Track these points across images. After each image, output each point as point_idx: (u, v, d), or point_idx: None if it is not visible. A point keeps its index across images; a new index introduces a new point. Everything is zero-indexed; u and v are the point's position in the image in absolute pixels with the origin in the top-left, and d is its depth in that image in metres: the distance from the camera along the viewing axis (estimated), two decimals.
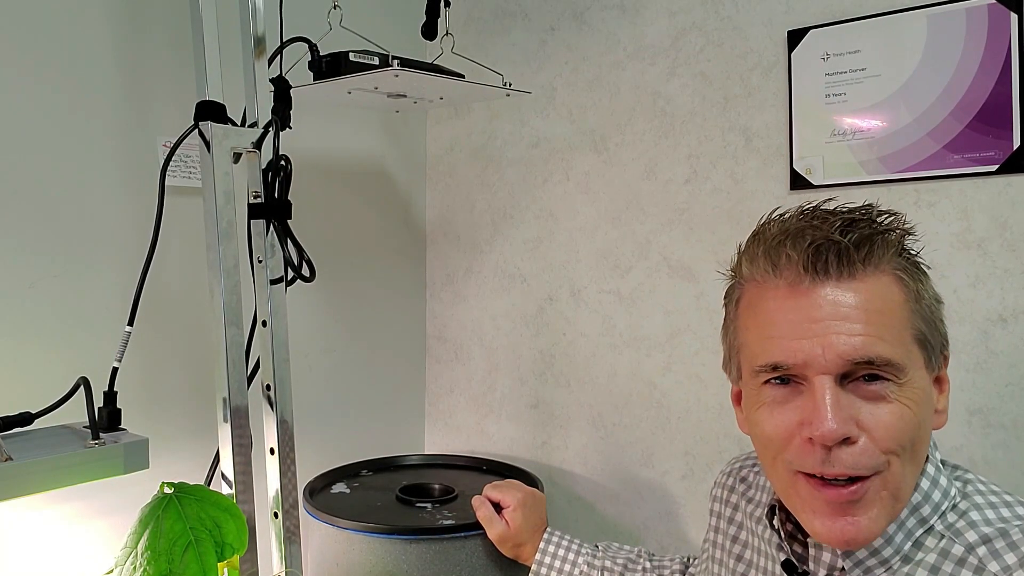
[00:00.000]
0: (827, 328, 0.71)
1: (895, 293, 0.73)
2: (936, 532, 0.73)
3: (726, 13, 1.38)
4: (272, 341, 1.14)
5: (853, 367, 0.70)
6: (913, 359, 0.72)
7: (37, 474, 0.89)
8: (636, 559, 1.14)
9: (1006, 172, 1.14)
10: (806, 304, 0.72)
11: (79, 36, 1.19)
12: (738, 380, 0.83)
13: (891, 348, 0.70)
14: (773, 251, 0.75)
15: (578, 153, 1.57)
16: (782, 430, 0.73)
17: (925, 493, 0.74)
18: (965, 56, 1.16)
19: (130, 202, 1.24)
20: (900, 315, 0.72)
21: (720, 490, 0.99)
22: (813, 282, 0.72)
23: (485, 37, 1.69)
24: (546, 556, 1.15)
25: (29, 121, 1.14)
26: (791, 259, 0.73)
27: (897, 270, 0.73)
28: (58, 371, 1.10)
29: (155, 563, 0.90)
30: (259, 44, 1.15)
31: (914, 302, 0.73)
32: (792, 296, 0.73)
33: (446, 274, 1.78)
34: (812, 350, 0.71)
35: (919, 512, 0.74)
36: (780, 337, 0.73)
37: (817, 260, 0.72)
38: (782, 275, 0.74)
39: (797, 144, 1.30)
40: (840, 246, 0.71)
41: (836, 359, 0.70)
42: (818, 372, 0.71)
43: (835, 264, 0.71)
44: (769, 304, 0.75)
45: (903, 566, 0.73)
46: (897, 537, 0.73)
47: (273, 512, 1.15)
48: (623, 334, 1.52)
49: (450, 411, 1.78)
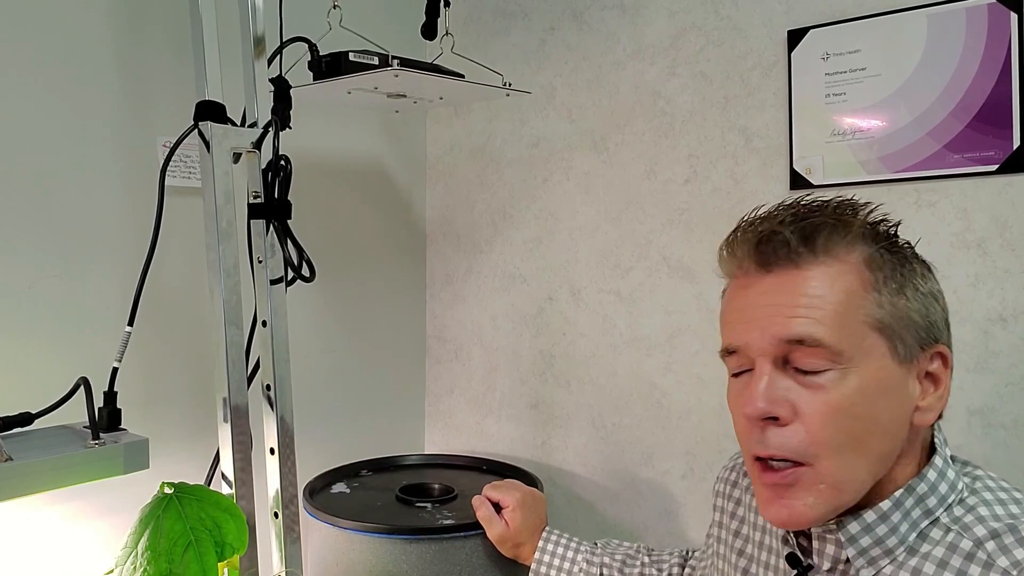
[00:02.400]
0: (767, 312, 0.74)
1: (847, 281, 0.73)
2: (942, 525, 0.73)
3: (726, 13, 1.38)
4: (272, 341, 1.14)
5: (787, 347, 0.73)
6: (864, 346, 0.72)
7: (37, 474, 0.89)
8: (635, 555, 1.15)
9: (1006, 172, 1.14)
10: (753, 292, 0.77)
11: (79, 36, 1.19)
12: None
13: (827, 331, 0.72)
14: (731, 246, 0.80)
15: (578, 153, 1.57)
16: (740, 416, 0.77)
17: (932, 484, 0.74)
18: (965, 56, 1.16)
19: (130, 202, 1.24)
20: (850, 302, 0.73)
21: (723, 485, 0.99)
22: (759, 272, 0.76)
23: (485, 37, 1.69)
24: (545, 555, 1.15)
25: (29, 121, 1.14)
26: (744, 251, 0.78)
27: (858, 259, 0.74)
28: (58, 371, 1.10)
29: (155, 563, 0.90)
30: (259, 44, 1.15)
31: (873, 291, 0.73)
32: (744, 286, 0.78)
33: (446, 274, 1.78)
34: (752, 332, 0.75)
35: (925, 503, 0.74)
36: (731, 323, 0.79)
37: (763, 251, 0.76)
38: (738, 267, 0.79)
39: (797, 144, 1.30)
40: (781, 236, 0.75)
41: (771, 339, 0.73)
42: (758, 354, 0.74)
43: (777, 255, 0.75)
44: (730, 294, 0.81)
45: (909, 558, 0.72)
46: (902, 527, 0.73)
47: (273, 512, 1.15)
48: (623, 334, 1.52)
49: (450, 411, 1.78)
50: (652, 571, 1.12)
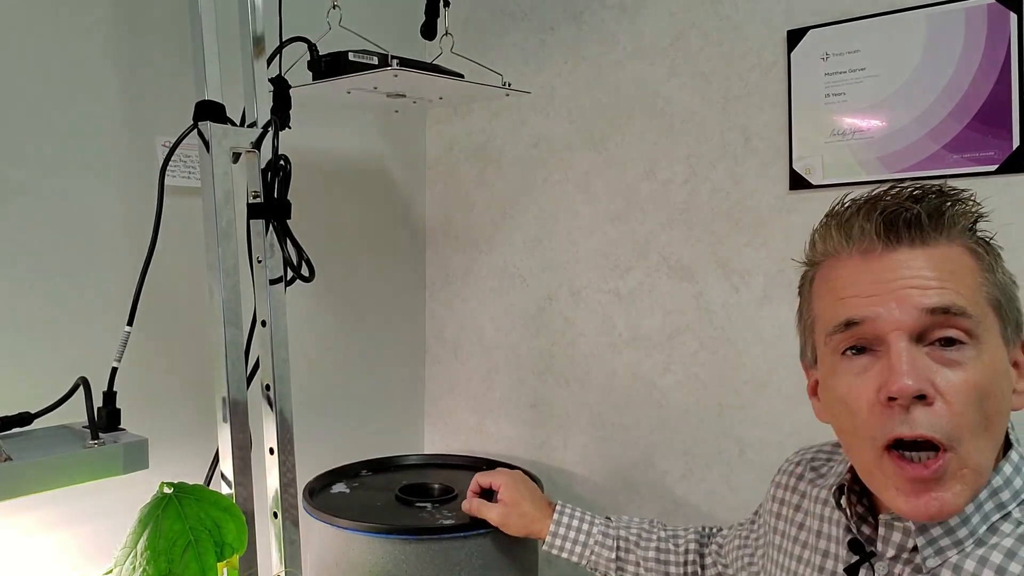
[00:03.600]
0: (901, 285, 0.72)
1: (967, 260, 0.74)
2: (1013, 519, 0.73)
3: (726, 13, 1.38)
4: (271, 341, 1.14)
5: (928, 319, 0.71)
6: (988, 323, 0.73)
7: (37, 474, 0.89)
8: (650, 529, 1.16)
9: (1005, 172, 1.14)
10: (879, 267, 0.74)
11: (79, 36, 1.18)
12: (813, 364, 0.84)
13: (967, 301, 0.71)
14: (846, 223, 0.77)
15: (578, 153, 1.57)
16: (863, 400, 0.73)
17: (1007, 478, 0.74)
18: (964, 56, 1.16)
19: (130, 202, 1.23)
20: (973, 278, 0.73)
21: (787, 477, 0.97)
22: (886, 248, 0.74)
23: (484, 37, 1.69)
24: (560, 527, 1.16)
25: (29, 121, 1.14)
26: (864, 229, 0.75)
27: (968, 242, 0.75)
28: (57, 371, 1.10)
29: (155, 563, 0.90)
30: (258, 44, 1.15)
31: (988, 271, 0.75)
32: (865, 262, 0.75)
33: (445, 274, 1.78)
34: (886, 304, 0.72)
35: (998, 496, 0.73)
36: (853, 296, 0.75)
37: (889, 227, 0.74)
38: (855, 245, 0.76)
39: (796, 144, 1.30)
40: (911, 212, 0.74)
41: (911, 310, 0.71)
42: (892, 328, 0.72)
43: (907, 231, 0.74)
44: (842, 272, 0.77)
45: (976, 549, 0.72)
46: (974, 519, 0.73)
47: (273, 512, 1.15)
48: (622, 334, 1.52)
49: (449, 411, 1.78)
50: (669, 545, 1.13)
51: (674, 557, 1.12)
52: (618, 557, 1.14)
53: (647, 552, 1.13)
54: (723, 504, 1.40)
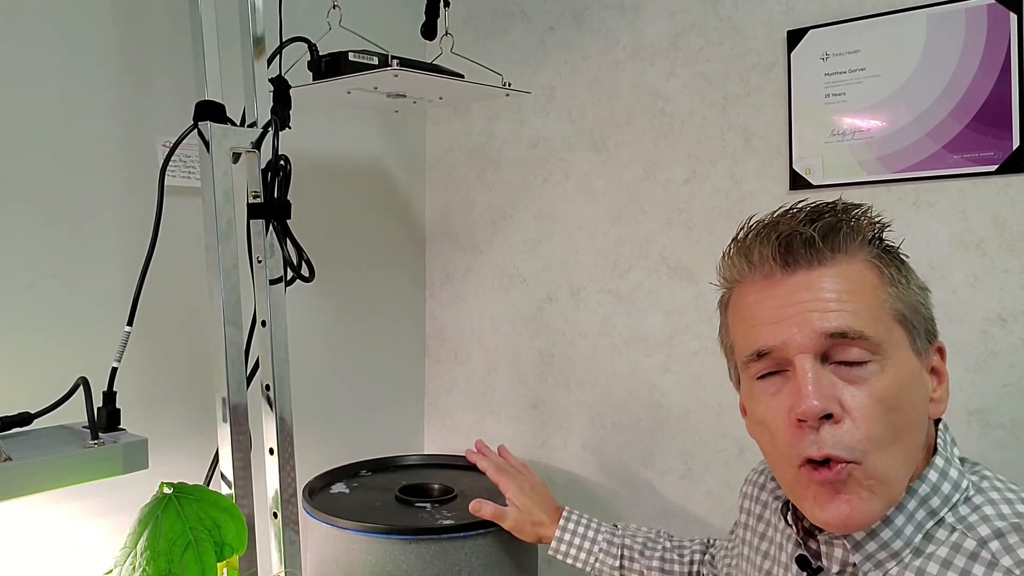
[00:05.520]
0: (802, 309, 0.74)
1: (868, 276, 0.75)
2: (947, 525, 0.73)
3: (725, 13, 1.38)
4: (271, 341, 1.14)
5: (829, 341, 0.72)
6: (894, 339, 0.73)
7: (37, 474, 0.89)
8: (656, 539, 1.16)
9: (1005, 172, 1.14)
10: (780, 292, 0.76)
11: (79, 36, 1.18)
12: (738, 385, 0.85)
13: (864, 323, 0.72)
14: (746, 249, 0.79)
15: (577, 153, 1.57)
16: (779, 421, 0.75)
17: (934, 485, 0.74)
18: (964, 56, 1.16)
19: (130, 202, 1.24)
20: (875, 295, 0.74)
21: (751, 487, 0.98)
22: (784, 272, 0.76)
23: (484, 37, 1.69)
24: (566, 533, 1.17)
25: (29, 121, 1.14)
26: (763, 255, 0.77)
27: (869, 257, 0.76)
28: (58, 371, 1.10)
29: (154, 563, 0.90)
30: (258, 44, 1.15)
31: (890, 285, 0.75)
32: (767, 287, 0.77)
33: (445, 274, 1.78)
34: (788, 330, 0.74)
35: (928, 504, 0.73)
36: (759, 324, 0.76)
37: (787, 251, 0.75)
38: (757, 270, 0.78)
39: (796, 144, 1.30)
40: (805, 236, 0.75)
41: (811, 334, 0.72)
42: (797, 352, 0.73)
43: (803, 253, 0.75)
44: (748, 299, 0.79)
45: (914, 559, 0.72)
46: (907, 529, 0.73)
47: (273, 512, 1.15)
48: (622, 334, 1.52)
49: (449, 411, 1.78)
50: (673, 555, 1.13)
51: (678, 568, 1.12)
52: (622, 565, 1.14)
53: (651, 562, 1.13)
54: (722, 504, 1.40)
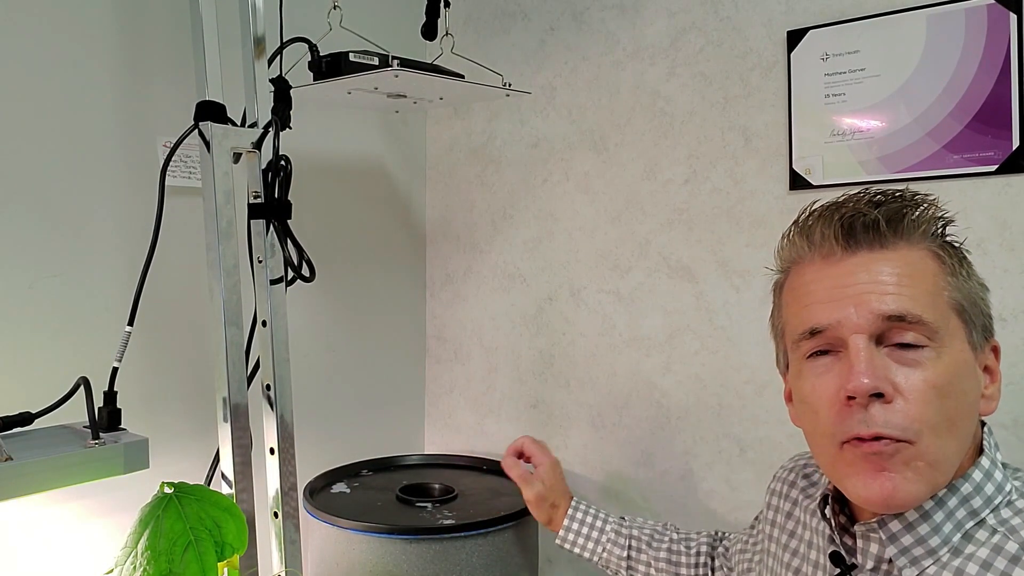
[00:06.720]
0: (859, 290, 0.74)
1: (929, 264, 0.75)
2: (988, 526, 0.72)
3: (726, 13, 1.38)
4: (272, 341, 1.14)
5: (886, 324, 0.72)
6: (950, 328, 0.73)
7: (37, 474, 0.89)
8: (663, 531, 1.16)
9: (1005, 172, 1.14)
10: (839, 272, 0.76)
11: (79, 36, 1.19)
12: (786, 370, 0.85)
13: (923, 308, 0.72)
14: (807, 230, 0.79)
15: (578, 153, 1.57)
16: (825, 398, 0.74)
17: (977, 485, 0.73)
18: (964, 56, 1.16)
19: (130, 202, 1.24)
20: (935, 282, 0.74)
21: (780, 484, 0.98)
22: (845, 252, 0.76)
23: (485, 37, 1.69)
24: (574, 522, 1.17)
25: (29, 121, 1.14)
26: (824, 235, 0.77)
27: (931, 247, 0.76)
28: (58, 371, 1.10)
29: (155, 563, 0.90)
30: (259, 44, 1.15)
31: (950, 275, 0.75)
32: (826, 267, 0.77)
33: (446, 274, 1.78)
34: (845, 310, 0.73)
35: (969, 503, 0.73)
36: (815, 303, 0.76)
37: (848, 232, 0.76)
38: (817, 251, 0.78)
39: (796, 144, 1.30)
40: (869, 218, 0.75)
41: (868, 315, 0.72)
42: (852, 331, 0.73)
43: (865, 235, 0.75)
44: (806, 277, 0.79)
45: (953, 559, 0.71)
46: (945, 527, 0.72)
47: (273, 512, 1.15)
48: (623, 334, 1.52)
49: (450, 411, 1.78)
50: (680, 547, 1.13)
51: (685, 559, 1.12)
52: (629, 556, 1.14)
53: (658, 553, 1.13)
54: (723, 504, 1.41)
